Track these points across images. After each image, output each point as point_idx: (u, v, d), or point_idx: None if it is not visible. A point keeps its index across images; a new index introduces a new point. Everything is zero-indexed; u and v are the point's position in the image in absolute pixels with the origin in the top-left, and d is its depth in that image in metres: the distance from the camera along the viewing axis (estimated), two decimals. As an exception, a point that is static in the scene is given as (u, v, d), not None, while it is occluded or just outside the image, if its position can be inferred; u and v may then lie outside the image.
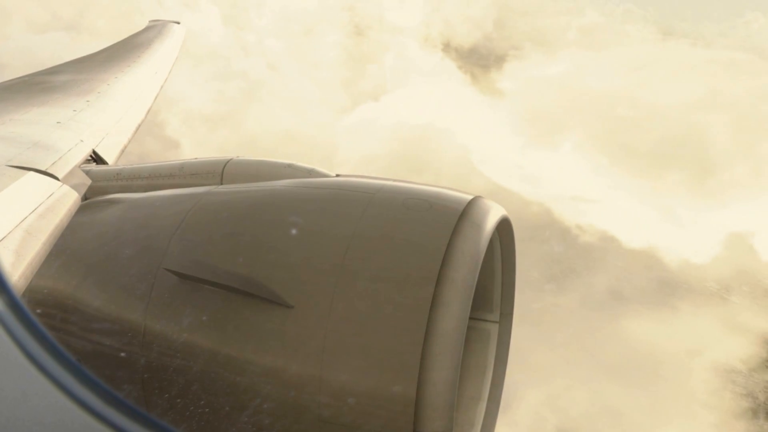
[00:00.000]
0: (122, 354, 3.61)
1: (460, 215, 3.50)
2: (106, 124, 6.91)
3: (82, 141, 5.83)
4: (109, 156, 6.34)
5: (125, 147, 7.03)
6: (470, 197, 3.69)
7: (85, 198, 4.60)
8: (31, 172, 4.45)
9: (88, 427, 1.58)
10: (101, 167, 5.78)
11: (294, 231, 3.57)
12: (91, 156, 6.00)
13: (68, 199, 4.29)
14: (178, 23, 14.16)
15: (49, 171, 4.64)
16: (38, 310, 3.86)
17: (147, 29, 13.51)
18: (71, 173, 4.92)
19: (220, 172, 4.73)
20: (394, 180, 3.97)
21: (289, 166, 4.65)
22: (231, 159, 4.82)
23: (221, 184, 4.64)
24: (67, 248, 3.90)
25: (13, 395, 1.65)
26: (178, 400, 3.50)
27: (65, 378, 1.66)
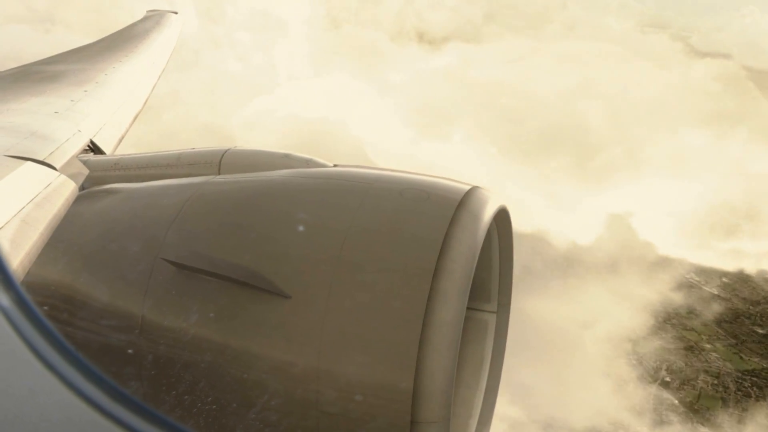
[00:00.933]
0: (119, 344, 3.61)
1: (457, 205, 3.49)
2: (104, 114, 6.90)
3: (79, 131, 5.82)
4: (107, 146, 6.33)
5: (123, 137, 7.03)
6: (468, 187, 3.68)
7: (82, 188, 4.59)
8: (29, 162, 4.45)
9: (94, 424, 1.58)
10: (99, 157, 5.77)
11: (292, 221, 3.56)
12: (88, 146, 5.99)
13: (66, 188, 4.28)
14: (176, 13, 14.12)
15: (47, 161, 4.63)
16: (37, 302, 3.85)
17: (145, 19, 13.47)
18: (69, 163, 4.91)
19: (218, 162, 4.72)
20: (392, 170, 3.96)
21: (287, 156, 4.64)
22: (229, 149, 4.82)
23: (219, 174, 4.64)
24: (64, 238, 3.90)
25: (20, 392, 1.65)
26: (176, 391, 3.50)
27: (72, 375, 1.66)
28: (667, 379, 55.24)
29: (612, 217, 78.15)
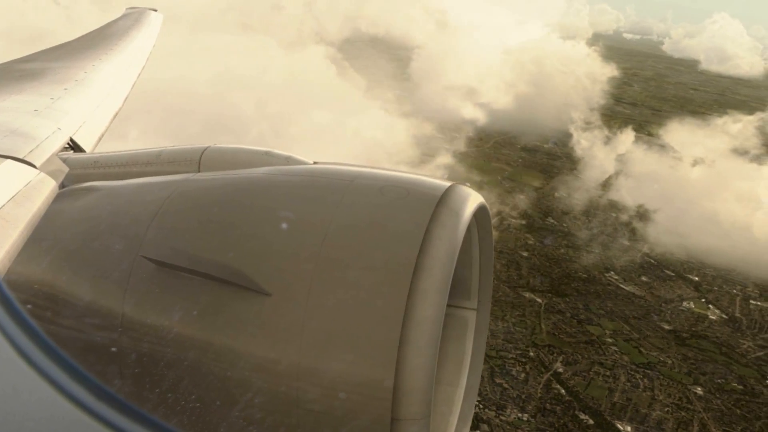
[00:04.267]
0: (101, 343, 3.60)
1: (437, 202, 3.50)
2: (84, 112, 6.86)
3: (59, 129, 5.78)
4: (87, 144, 6.30)
5: (102, 135, 6.99)
6: (448, 184, 3.70)
7: (62, 186, 4.57)
8: (8, 160, 4.42)
9: (78, 422, 1.59)
10: (79, 155, 5.74)
11: (272, 218, 3.56)
12: (68, 144, 5.96)
13: (45, 186, 4.26)
14: (155, 10, 14.04)
15: (27, 159, 4.61)
16: (17, 300, 3.83)
17: (124, 17, 13.38)
18: (49, 161, 4.88)
19: (198, 159, 4.72)
20: (372, 167, 3.98)
21: (267, 153, 4.65)
22: (208, 147, 4.82)
23: (199, 171, 4.64)
24: (44, 236, 3.87)
25: (4, 391, 1.65)
26: (157, 389, 3.49)
27: (56, 373, 1.66)
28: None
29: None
